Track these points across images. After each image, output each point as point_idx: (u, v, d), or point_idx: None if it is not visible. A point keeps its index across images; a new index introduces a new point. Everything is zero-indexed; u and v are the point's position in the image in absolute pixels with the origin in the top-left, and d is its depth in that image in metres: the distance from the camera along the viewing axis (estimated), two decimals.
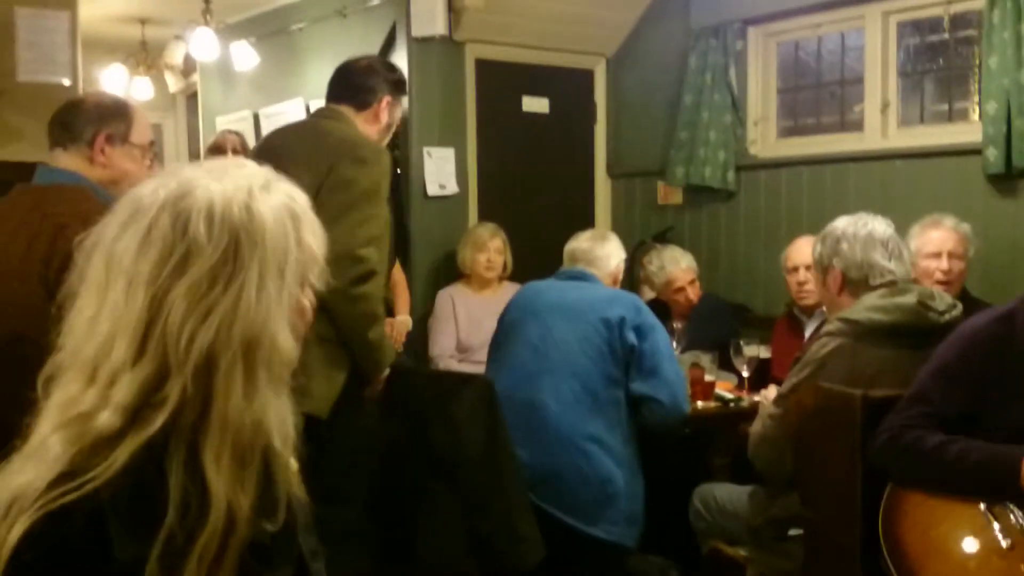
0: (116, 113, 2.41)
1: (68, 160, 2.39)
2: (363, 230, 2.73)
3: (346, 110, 3.02)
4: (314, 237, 1.12)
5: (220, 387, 1.01)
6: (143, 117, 2.48)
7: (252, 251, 1.03)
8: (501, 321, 3.44)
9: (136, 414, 1.00)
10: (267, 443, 1.05)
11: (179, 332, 1.00)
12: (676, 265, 4.31)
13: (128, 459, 0.97)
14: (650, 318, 3.24)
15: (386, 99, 3.05)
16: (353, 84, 3.04)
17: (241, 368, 1.02)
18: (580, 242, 3.49)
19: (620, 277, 3.49)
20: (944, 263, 3.39)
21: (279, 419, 1.06)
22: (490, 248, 4.63)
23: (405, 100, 3.40)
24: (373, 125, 3.04)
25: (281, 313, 1.05)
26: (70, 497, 0.94)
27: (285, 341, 1.05)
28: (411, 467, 2.99)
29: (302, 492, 1.18)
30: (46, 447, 0.99)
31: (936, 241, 3.44)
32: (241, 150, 5.02)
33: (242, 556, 1.01)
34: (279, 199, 1.08)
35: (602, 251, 3.43)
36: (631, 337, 3.13)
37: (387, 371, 2.92)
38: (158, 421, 0.99)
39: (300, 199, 1.12)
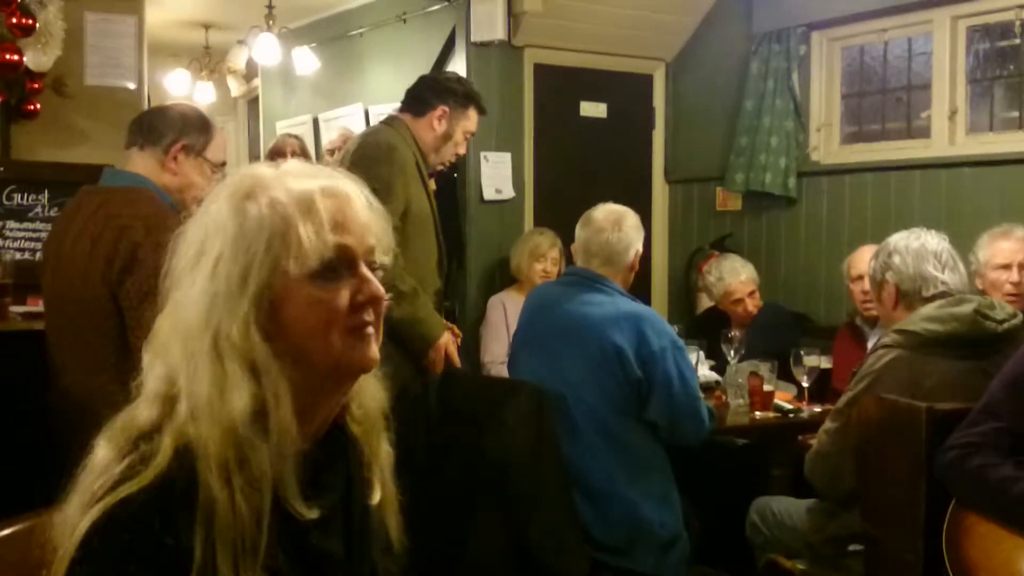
0: (198, 126, 2.48)
1: (140, 161, 2.44)
2: None
3: (405, 117, 3.32)
4: (315, 225, 1.10)
5: (199, 372, 1.06)
6: (222, 139, 2.55)
7: (212, 245, 1.09)
8: (515, 337, 3.26)
9: (166, 403, 1.07)
10: (262, 431, 1.06)
11: (176, 319, 1.09)
12: (736, 277, 4.24)
13: (172, 447, 1.03)
14: (655, 340, 2.90)
15: (441, 108, 3.28)
16: (413, 94, 3.34)
17: (209, 354, 1.06)
18: (595, 231, 3.08)
19: (637, 257, 3.11)
20: (1014, 275, 3.30)
21: (274, 418, 1.07)
22: (548, 258, 4.60)
23: (475, 115, 3.38)
24: (428, 132, 3.29)
25: (237, 302, 1.07)
26: (128, 488, 1.01)
27: (236, 330, 1.06)
28: (460, 472, 2.98)
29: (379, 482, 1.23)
30: (96, 451, 1.07)
31: (1006, 252, 3.35)
32: (300, 153, 5.08)
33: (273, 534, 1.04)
34: (260, 198, 1.11)
35: (621, 243, 3.04)
36: (636, 371, 2.88)
37: (442, 342, 3.14)
38: (183, 411, 1.05)
39: (303, 194, 1.12)
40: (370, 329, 1.14)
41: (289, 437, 1.07)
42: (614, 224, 3.06)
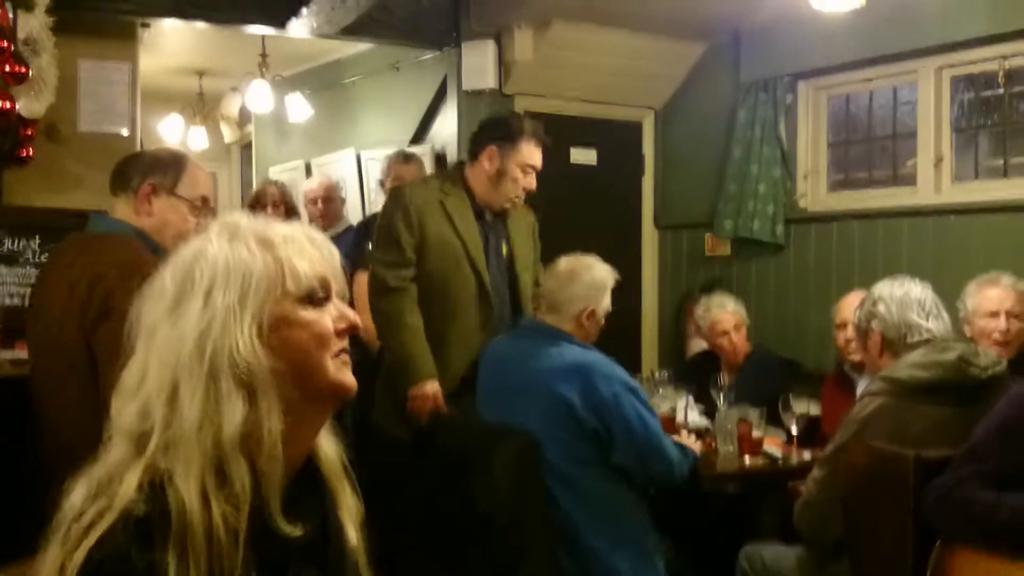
0: (166, 164, 2.46)
1: (120, 208, 2.45)
2: (377, 255, 3.36)
3: (467, 164, 3.44)
4: (300, 254, 1.18)
5: (184, 401, 1.09)
6: (198, 173, 2.51)
7: (202, 278, 1.13)
8: (476, 394, 3.20)
9: (137, 442, 1.10)
10: (256, 453, 1.10)
11: (155, 356, 1.12)
12: (722, 308, 4.27)
13: (136, 483, 1.06)
14: (605, 387, 2.85)
15: (489, 148, 3.35)
16: (470, 140, 3.48)
17: (200, 379, 1.09)
18: (547, 276, 3.13)
19: (590, 315, 3.04)
20: (1002, 323, 3.32)
21: (263, 429, 1.10)
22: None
23: (528, 146, 3.39)
24: (482, 174, 3.38)
25: (239, 323, 1.11)
26: (106, 523, 1.04)
27: (244, 345, 1.10)
28: (448, 519, 2.96)
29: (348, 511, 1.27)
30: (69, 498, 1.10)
31: (994, 300, 3.37)
32: (280, 203, 5.01)
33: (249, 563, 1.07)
34: (245, 236, 1.17)
35: (565, 294, 3.02)
36: (591, 421, 2.84)
37: (426, 390, 3.20)
38: (151, 445, 1.09)
39: (283, 230, 1.20)
40: (347, 357, 1.22)
41: (276, 455, 1.11)
42: (567, 274, 3.06)
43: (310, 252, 1.20)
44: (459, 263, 3.33)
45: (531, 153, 3.39)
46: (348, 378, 1.21)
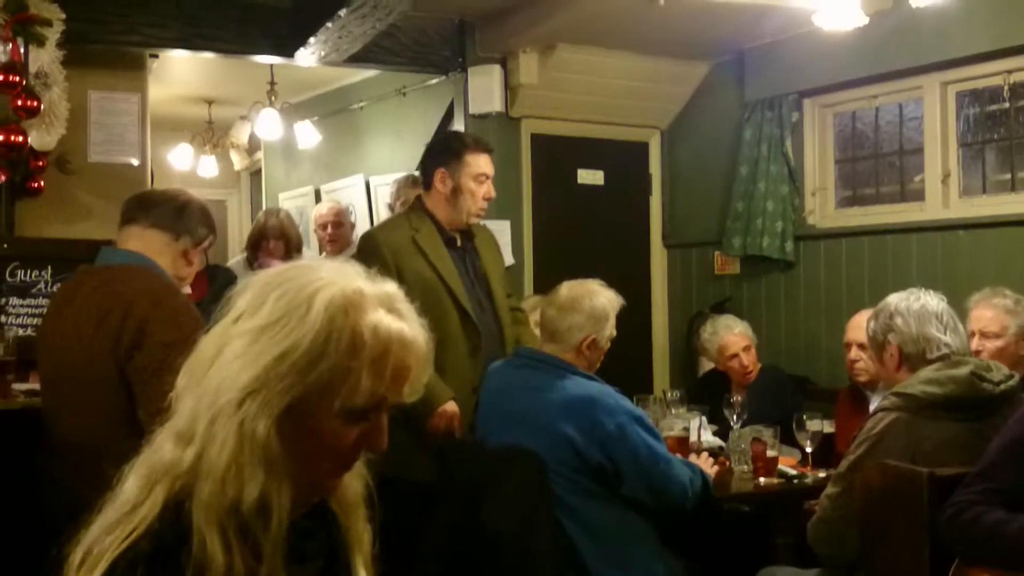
0: (211, 226, 2.66)
1: (145, 240, 2.49)
2: None
3: (424, 194, 3.45)
4: (376, 376, 1.12)
5: (219, 434, 1.07)
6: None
7: (287, 334, 1.09)
8: (478, 422, 3.19)
9: (180, 443, 1.10)
10: (266, 521, 1.08)
11: (218, 366, 1.10)
12: (729, 331, 4.26)
13: (162, 500, 1.07)
14: (609, 421, 2.80)
15: (439, 172, 3.38)
16: (420, 172, 3.46)
17: (236, 426, 1.07)
18: (547, 303, 3.08)
19: (591, 344, 2.99)
20: (975, 343, 3.32)
21: (272, 504, 1.08)
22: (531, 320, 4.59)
23: (474, 156, 3.40)
24: (439, 197, 3.39)
25: (275, 401, 1.08)
26: (120, 548, 1.04)
27: (262, 426, 1.07)
28: (459, 542, 2.96)
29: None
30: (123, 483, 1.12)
31: (972, 320, 3.39)
32: (281, 236, 4.79)
33: None
34: (355, 315, 1.11)
35: (565, 323, 2.96)
36: (595, 457, 2.81)
37: (447, 410, 3.17)
38: (188, 457, 1.08)
39: (387, 338, 1.13)
40: (353, 466, 1.20)
41: (283, 525, 1.09)
42: (568, 303, 3.00)
43: (398, 365, 1.14)
44: (439, 297, 3.31)
45: (479, 162, 3.41)
46: (333, 486, 1.20)
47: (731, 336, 4.25)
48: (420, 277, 3.30)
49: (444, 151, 3.44)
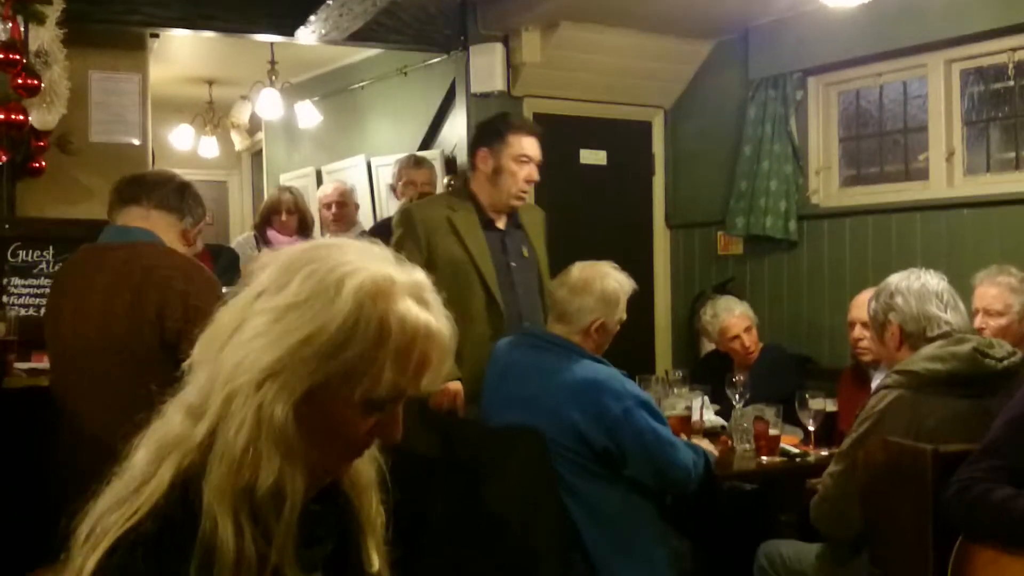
0: (204, 206, 2.73)
1: (152, 220, 2.52)
2: None
3: (470, 177, 3.51)
4: (398, 369, 1.10)
5: (236, 413, 1.05)
6: None
7: (314, 317, 1.06)
8: (483, 400, 3.15)
9: (190, 417, 1.08)
10: (280, 505, 1.06)
11: (236, 344, 1.08)
12: (730, 313, 4.26)
13: (168, 479, 1.05)
14: (615, 405, 2.79)
15: (481, 151, 3.42)
16: (467, 154, 3.49)
17: (254, 408, 1.04)
18: (558, 284, 3.05)
19: (600, 328, 2.97)
20: (978, 320, 3.33)
21: (287, 488, 1.07)
22: None
23: (517, 137, 3.39)
24: (482, 178, 3.43)
25: (295, 384, 1.05)
26: (124, 528, 1.02)
27: (280, 409, 1.05)
28: (462, 522, 2.97)
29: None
30: (133, 460, 1.10)
31: (976, 297, 3.40)
32: (295, 211, 4.97)
33: None
34: (383, 304, 1.09)
35: (575, 304, 2.95)
36: (600, 440, 2.80)
37: (451, 388, 3.16)
38: (199, 432, 1.06)
39: (414, 331, 1.10)
40: (363, 453, 1.18)
41: (296, 509, 1.08)
42: (580, 284, 2.98)
43: (408, 370, 1.11)
44: (467, 276, 3.34)
45: (522, 144, 3.41)
46: (343, 470, 1.19)
47: (732, 318, 4.25)
48: (450, 256, 3.34)
49: (488, 131, 3.46)
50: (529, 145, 3.43)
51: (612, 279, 3.00)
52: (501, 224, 3.49)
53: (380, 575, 1.26)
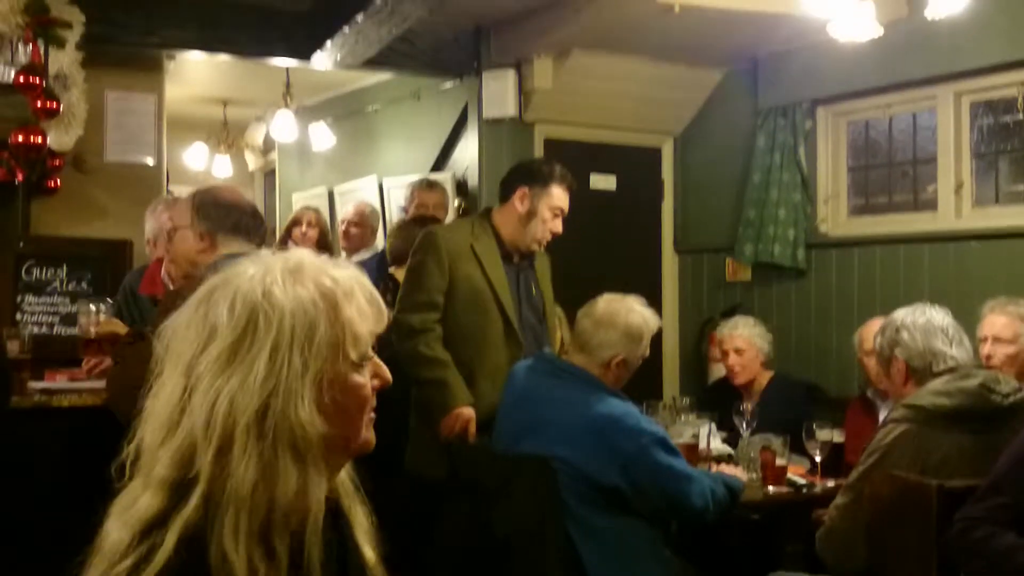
0: None
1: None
2: (404, 298, 3.41)
3: (497, 206, 3.56)
4: (359, 313, 1.15)
5: (237, 462, 1.05)
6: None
7: (268, 330, 1.08)
8: (497, 423, 3.15)
9: (175, 491, 1.06)
10: (300, 520, 1.07)
11: (201, 404, 1.06)
12: (732, 328, 4.22)
13: (174, 544, 1.02)
14: (629, 444, 2.77)
15: (521, 190, 3.45)
16: (501, 183, 3.57)
17: (256, 444, 1.05)
18: (585, 317, 3.01)
19: (621, 363, 2.96)
20: (987, 348, 3.34)
21: (311, 499, 1.08)
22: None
23: (559, 190, 3.49)
24: (512, 215, 3.48)
25: (300, 389, 1.08)
26: None
27: (304, 416, 1.07)
28: (468, 545, 2.98)
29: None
30: (107, 536, 1.07)
31: (984, 326, 3.42)
32: (316, 224, 5.16)
33: None
34: (308, 283, 1.12)
35: (597, 337, 2.93)
36: (611, 477, 2.78)
37: (461, 413, 3.25)
38: (193, 498, 1.04)
39: (343, 281, 1.15)
40: (373, 415, 1.20)
41: (318, 526, 1.09)
42: (605, 317, 2.97)
43: (367, 311, 1.17)
44: (487, 304, 3.40)
45: (561, 197, 3.50)
46: (372, 437, 1.19)
47: (727, 332, 4.24)
48: (471, 282, 3.40)
49: (533, 173, 3.51)
50: (565, 200, 3.52)
51: (637, 314, 2.99)
52: (516, 259, 3.55)
53: (376, 569, 1.27)
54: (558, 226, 3.53)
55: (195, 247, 2.53)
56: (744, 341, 4.21)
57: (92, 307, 3.21)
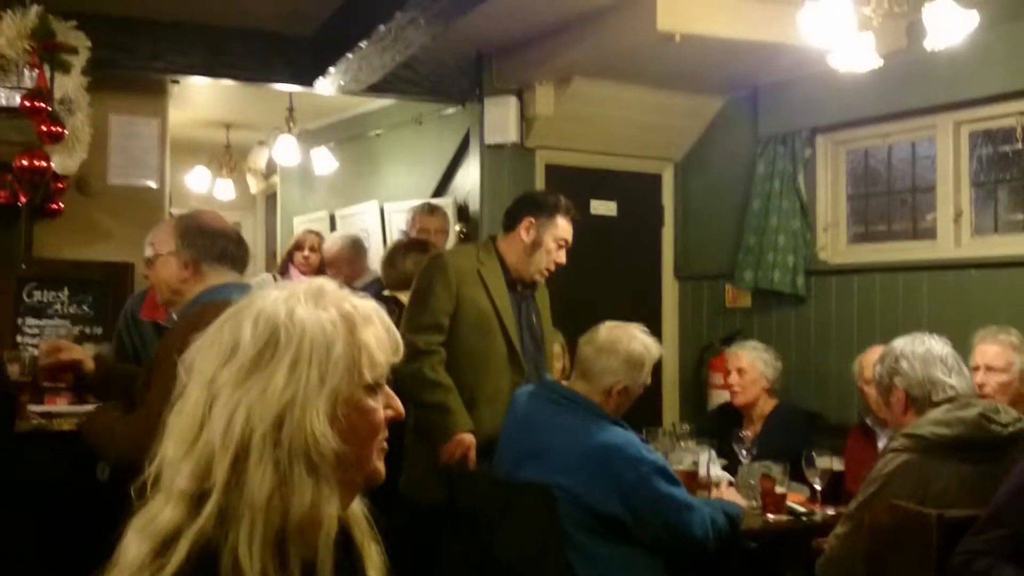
0: None
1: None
2: (410, 320, 3.41)
3: (502, 234, 3.58)
4: (376, 340, 1.18)
5: (253, 471, 1.07)
6: None
7: (288, 345, 1.12)
8: (498, 447, 3.16)
9: (194, 503, 1.08)
10: (313, 538, 1.09)
11: (220, 415, 1.09)
12: (740, 348, 4.23)
13: (185, 555, 1.05)
14: (629, 473, 2.78)
15: (527, 220, 3.49)
16: (506, 212, 3.61)
17: (272, 453, 1.08)
18: (586, 344, 3.03)
19: (622, 391, 2.97)
20: (979, 376, 3.35)
21: (323, 513, 1.10)
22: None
23: (565, 221, 3.54)
24: (517, 244, 3.52)
25: (316, 402, 1.10)
26: None
27: (318, 428, 1.10)
28: (469, 572, 2.97)
29: None
30: (126, 551, 1.09)
31: (976, 354, 3.43)
32: (318, 249, 5.20)
33: None
34: (330, 306, 1.16)
35: (599, 364, 2.95)
36: (611, 506, 2.79)
37: (463, 439, 3.26)
38: (208, 508, 1.07)
39: (363, 309, 1.19)
40: (385, 446, 1.21)
41: (330, 542, 1.11)
42: (606, 344, 2.98)
43: (384, 340, 1.20)
44: (491, 329, 3.43)
45: (566, 228, 3.54)
46: (382, 468, 1.21)
47: (734, 352, 4.25)
48: (477, 306, 3.43)
49: (540, 204, 3.55)
50: (570, 232, 3.56)
51: (639, 342, 3.00)
52: (519, 288, 3.58)
53: None
54: (562, 257, 3.56)
55: (178, 275, 2.47)
56: (747, 362, 4.21)
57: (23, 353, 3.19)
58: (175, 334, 2.36)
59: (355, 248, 5.28)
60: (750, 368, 4.18)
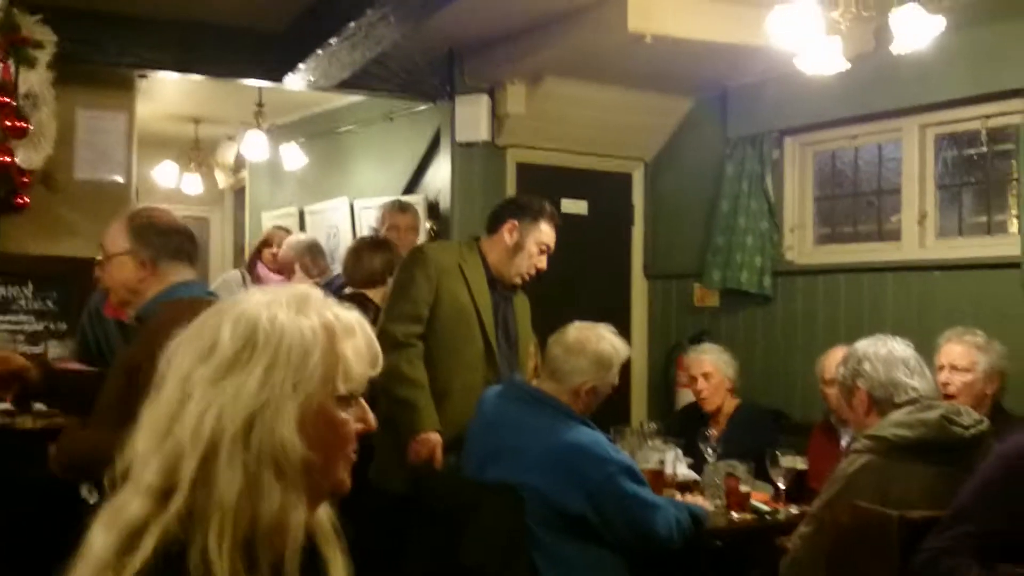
0: None
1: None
2: (389, 310, 3.44)
3: (484, 236, 3.60)
4: (355, 353, 1.18)
5: (222, 472, 1.08)
6: None
7: (265, 349, 1.12)
8: (465, 447, 3.17)
9: (161, 498, 1.08)
10: (280, 543, 1.09)
11: (193, 413, 1.10)
12: (700, 353, 4.26)
13: (152, 549, 1.05)
14: (596, 473, 2.81)
15: (511, 222, 3.50)
16: (490, 214, 3.63)
17: (241, 455, 1.08)
18: (555, 344, 3.06)
19: (591, 391, 3.00)
20: (943, 376, 3.40)
21: (290, 520, 1.10)
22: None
23: (548, 227, 3.54)
24: (500, 246, 3.53)
25: (286, 409, 1.11)
26: None
27: (286, 435, 1.10)
28: (435, 573, 2.98)
29: None
30: (92, 543, 1.09)
31: (941, 354, 3.48)
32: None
33: None
34: (312, 313, 1.17)
35: (568, 364, 2.98)
36: (577, 505, 2.81)
37: (429, 438, 3.24)
38: (175, 504, 1.07)
39: (345, 319, 1.20)
40: (354, 457, 1.21)
41: (297, 547, 1.11)
42: (575, 344, 3.01)
43: (364, 353, 1.20)
44: (470, 324, 3.43)
45: (549, 234, 3.55)
46: (348, 479, 1.21)
47: (695, 357, 4.27)
48: (457, 300, 3.43)
49: (524, 208, 3.57)
50: (552, 237, 3.57)
51: (607, 342, 3.03)
52: (499, 288, 3.58)
53: None
54: (543, 262, 3.57)
55: (136, 275, 2.38)
56: (711, 366, 4.23)
57: None
58: (146, 340, 2.27)
59: (311, 253, 5.12)
60: (715, 372, 4.21)
